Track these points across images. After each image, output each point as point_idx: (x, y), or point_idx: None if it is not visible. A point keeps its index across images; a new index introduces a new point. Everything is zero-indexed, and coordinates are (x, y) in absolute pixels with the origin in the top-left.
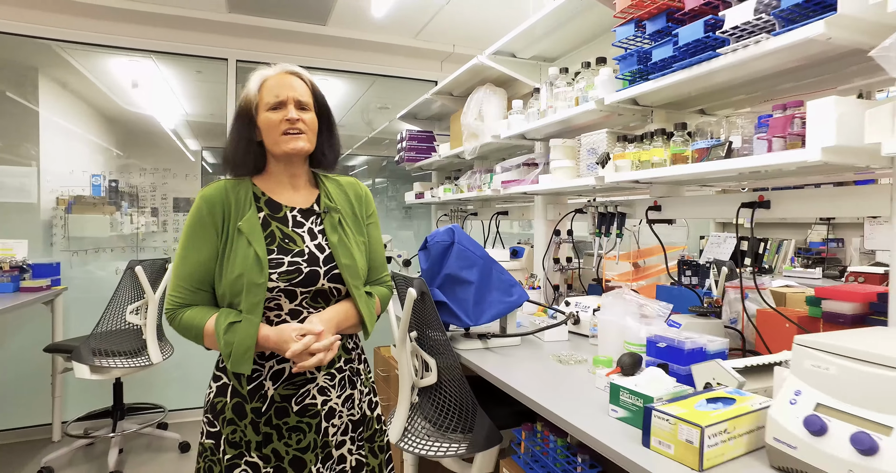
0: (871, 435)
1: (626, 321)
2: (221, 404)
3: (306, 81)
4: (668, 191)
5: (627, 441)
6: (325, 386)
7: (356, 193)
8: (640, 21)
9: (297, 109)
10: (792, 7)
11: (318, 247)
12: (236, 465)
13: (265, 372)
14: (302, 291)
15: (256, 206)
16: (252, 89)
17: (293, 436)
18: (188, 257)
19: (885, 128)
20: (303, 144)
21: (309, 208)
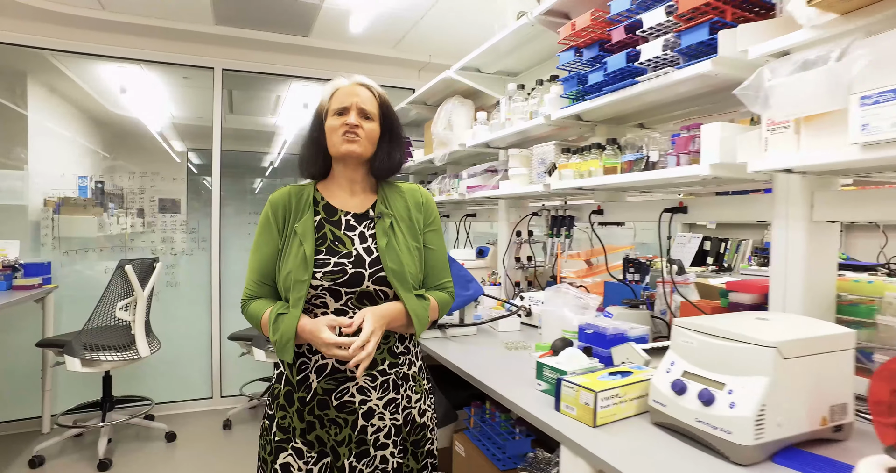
0: (710, 390)
1: (563, 311)
2: (277, 390)
3: (375, 92)
4: (609, 197)
5: (545, 408)
6: (366, 387)
7: (415, 199)
8: (579, 49)
9: (358, 117)
10: (688, 47)
11: (366, 250)
12: (283, 448)
13: (311, 365)
14: (346, 291)
15: (315, 209)
16: (325, 97)
17: (332, 428)
18: (256, 255)
19: (752, 150)
20: (355, 148)
21: (364, 213)
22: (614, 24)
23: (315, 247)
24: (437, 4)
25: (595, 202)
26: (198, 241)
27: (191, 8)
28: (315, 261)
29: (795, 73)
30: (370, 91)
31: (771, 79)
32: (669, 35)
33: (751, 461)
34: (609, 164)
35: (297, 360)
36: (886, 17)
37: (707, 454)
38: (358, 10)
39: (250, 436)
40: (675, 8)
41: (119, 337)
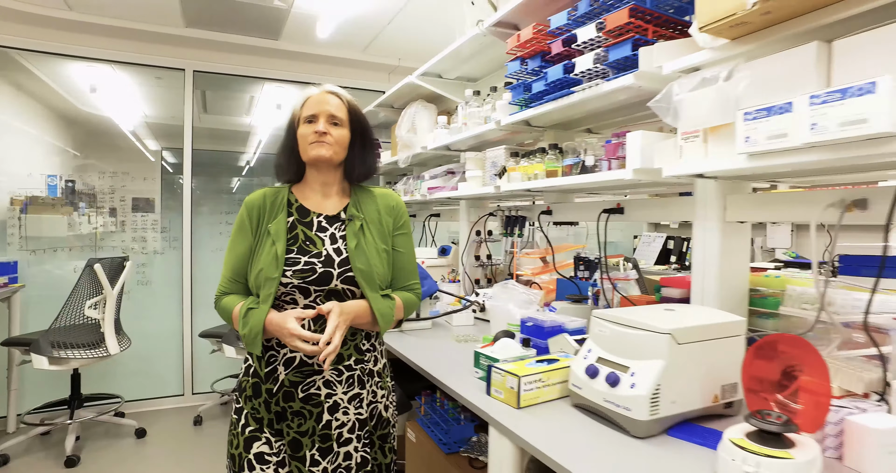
0: (616, 373)
1: (508, 306)
2: (245, 382)
3: (344, 99)
4: (558, 198)
5: (478, 393)
6: (332, 381)
7: (387, 204)
8: (524, 59)
9: (328, 124)
10: (615, 61)
11: (336, 251)
12: (257, 437)
13: (279, 358)
14: (315, 289)
15: (288, 211)
16: (297, 106)
17: (295, 420)
18: (231, 253)
19: (668, 157)
20: (323, 152)
21: (335, 215)
22: (554, 37)
23: (287, 246)
24: (402, 10)
25: (545, 203)
26: (169, 240)
27: (160, 10)
28: (286, 259)
29: (696, 89)
30: (339, 98)
31: (678, 93)
32: (600, 49)
33: (647, 433)
34: (551, 167)
35: (266, 353)
36: (766, 43)
37: (613, 430)
38: (325, 15)
39: (221, 432)
40: (604, 25)
41: (88, 335)
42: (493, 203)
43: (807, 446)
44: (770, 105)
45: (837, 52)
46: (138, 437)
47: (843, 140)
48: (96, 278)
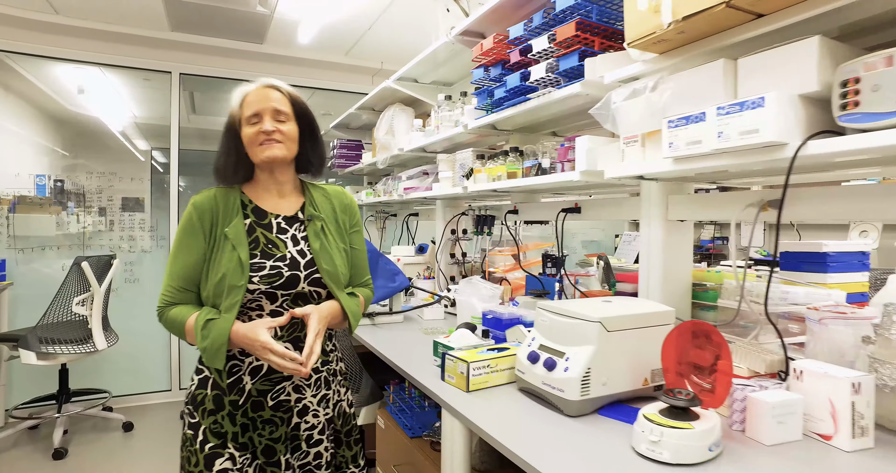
0: (553, 358)
1: (472, 300)
2: (202, 396)
3: (284, 91)
4: (524, 198)
5: (435, 378)
6: (301, 385)
7: (341, 202)
8: (487, 67)
9: (274, 120)
10: (565, 70)
11: (299, 252)
12: (219, 454)
13: (244, 368)
14: (282, 293)
15: (243, 213)
16: (234, 105)
17: (266, 428)
18: (177, 260)
19: (612, 160)
20: (277, 152)
21: (293, 216)
22: (513, 46)
23: (249, 251)
24: (381, 17)
25: (512, 203)
26: (157, 239)
27: (145, 14)
28: (250, 265)
29: (629, 98)
30: (280, 92)
31: (616, 102)
32: (552, 59)
33: (579, 412)
34: (512, 169)
35: (228, 363)
36: (687, 58)
37: (550, 410)
38: (306, 21)
39: None
40: (554, 37)
41: (76, 331)
42: (466, 203)
43: (709, 418)
44: (688, 114)
45: (742, 69)
46: (126, 431)
47: (743, 147)
48: (84, 276)
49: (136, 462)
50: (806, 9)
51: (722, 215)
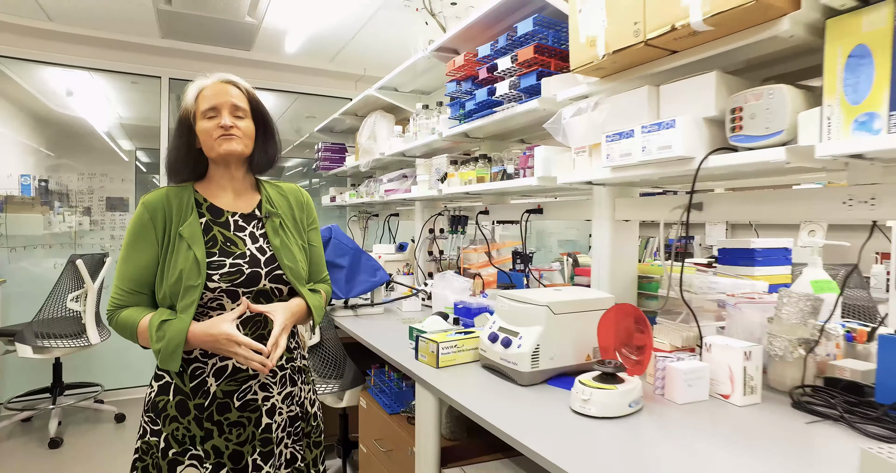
0: (509, 337)
1: (445, 292)
2: (164, 402)
3: (242, 88)
4: (495, 200)
5: (410, 359)
6: (267, 383)
7: (297, 199)
8: (459, 81)
9: (231, 116)
10: (525, 88)
11: (259, 250)
12: (179, 462)
13: (208, 369)
14: (244, 291)
15: (198, 212)
16: (189, 99)
17: (234, 431)
18: (129, 261)
19: (565, 167)
20: (235, 146)
21: (250, 213)
22: (482, 64)
23: (207, 250)
24: (364, 28)
25: (483, 204)
26: None
27: (137, 22)
28: (209, 264)
29: (575, 115)
30: (237, 88)
31: (565, 118)
32: (514, 77)
33: (530, 382)
34: (481, 174)
35: (190, 366)
36: (622, 82)
37: (506, 382)
38: (293, 30)
39: None
40: (516, 58)
41: (70, 326)
42: (442, 204)
43: (631, 382)
44: (620, 131)
45: (663, 95)
46: (118, 422)
47: (660, 160)
48: (78, 273)
49: (129, 450)
50: (706, 49)
51: (655, 215)
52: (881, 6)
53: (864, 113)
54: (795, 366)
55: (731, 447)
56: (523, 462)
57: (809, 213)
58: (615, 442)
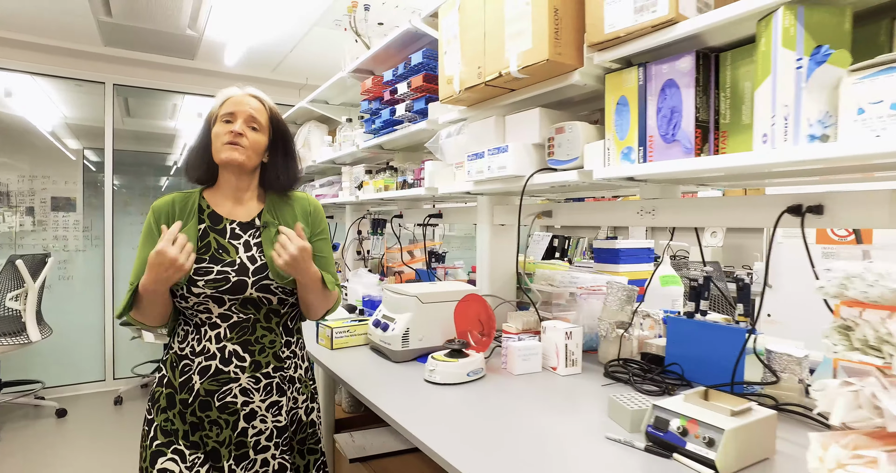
0: (388, 323)
1: (356, 287)
2: (158, 393)
3: (265, 103)
4: (409, 205)
5: (313, 343)
6: (249, 388)
7: (304, 208)
8: (370, 100)
9: (245, 126)
10: (417, 110)
11: (250, 258)
12: (162, 453)
13: (194, 367)
14: (230, 298)
15: (199, 217)
16: (216, 104)
17: (213, 429)
18: (140, 263)
19: (446, 179)
20: (235, 156)
21: (249, 222)
22: (387, 87)
23: (199, 255)
24: (301, 42)
25: (398, 209)
26: (91, 239)
27: (77, 30)
28: (198, 269)
29: (448, 137)
30: (261, 102)
31: (442, 138)
32: (409, 101)
33: (402, 359)
34: (388, 183)
35: (180, 362)
36: (480, 111)
37: (384, 360)
38: (232, 43)
39: (141, 409)
40: (410, 84)
41: (9, 325)
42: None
43: (474, 357)
44: (476, 152)
45: (508, 124)
46: (59, 417)
47: (500, 177)
48: (18, 273)
49: (69, 443)
50: (532, 89)
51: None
52: (632, 69)
53: (627, 147)
54: (614, 344)
55: (535, 401)
56: None
57: (615, 219)
58: (447, 402)
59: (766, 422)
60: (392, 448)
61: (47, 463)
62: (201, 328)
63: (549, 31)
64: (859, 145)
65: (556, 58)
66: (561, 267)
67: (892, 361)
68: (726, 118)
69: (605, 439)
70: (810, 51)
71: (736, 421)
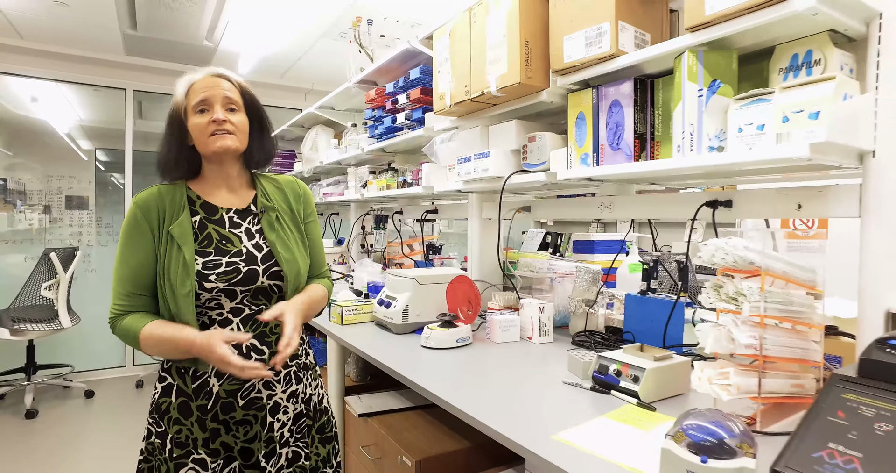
0: (390, 301)
1: (363, 275)
2: (166, 404)
3: (234, 81)
4: (408, 202)
5: (326, 320)
6: (271, 381)
7: (294, 191)
8: (373, 109)
9: (224, 110)
10: (415, 119)
11: (255, 246)
12: (182, 464)
13: (210, 370)
14: (242, 289)
15: (192, 209)
16: (179, 94)
17: (240, 429)
18: (124, 264)
19: (441, 179)
20: (230, 143)
21: (245, 209)
22: (389, 97)
23: (202, 249)
24: (308, 51)
25: (399, 206)
26: (112, 234)
27: (104, 41)
28: (206, 263)
29: (442, 143)
30: (230, 81)
31: (437, 144)
32: (408, 111)
33: (402, 332)
34: (389, 183)
35: (191, 368)
36: (469, 121)
37: (387, 333)
38: (246, 52)
39: None
40: (409, 96)
41: (44, 312)
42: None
43: (461, 327)
44: (465, 157)
45: (491, 133)
46: (87, 397)
47: (483, 177)
48: (52, 264)
49: (97, 420)
50: (511, 104)
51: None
52: (588, 91)
53: (584, 153)
54: (581, 318)
55: (512, 361)
56: (406, 394)
57: (580, 214)
58: (440, 362)
59: (682, 366)
60: (394, 406)
61: (78, 437)
62: (210, 328)
63: (521, 59)
64: (738, 155)
65: (527, 81)
66: (542, 256)
67: (742, 307)
68: (659, 131)
69: (563, 383)
70: (708, 83)
71: (656, 364)
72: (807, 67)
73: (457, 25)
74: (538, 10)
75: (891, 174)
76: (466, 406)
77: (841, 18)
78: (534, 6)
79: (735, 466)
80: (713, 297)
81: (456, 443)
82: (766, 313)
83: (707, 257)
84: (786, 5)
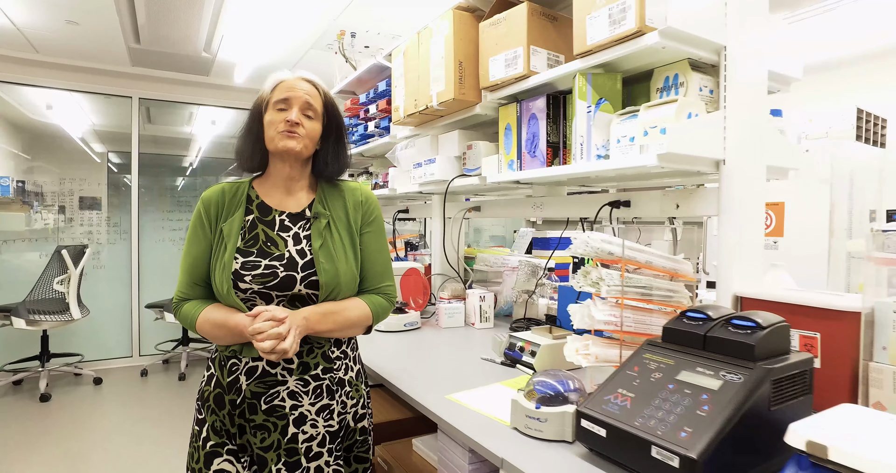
0: None
1: None
2: (207, 392)
3: (321, 90)
4: (385, 203)
5: None
6: (297, 391)
7: (355, 199)
8: (351, 117)
9: (300, 113)
10: (382, 127)
11: (299, 252)
12: (218, 453)
13: (241, 367)
14: (277, 294)
15: (248, 208)
16: (266, 88)
17: (258, 434)
18: (188, 255)
19: (404, 182)
20: (293, 145)
21: (299, 213)
22: (363, 107)
23: (246, 248)
24: (300, 61)
25: None
26: (119, 233)
27: (111, 54)
28: (245, 263)
29: (403, 150)
30: (315, 87)
31: (398, 150)
32: (378, 119)
33: None
34: (364, 185)
35: (228, 361)
36: (424, 130)
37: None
38: (241, 62)
39: (162, 381)
40: (378, 106)
41: (56, 305)
42: None
43: (410, 314)
44: (419, 162)
45: (440, 141)
46: (96, 384)
47: (432, 181)
48: (63, 261)
49: (105, 405)
50: (456, 115)
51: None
52: (513, 105)
53: (511, 159)
54: (521, 306)
55: (452, 343)
56: None
57: (518, 213)
58: (388, 344)
59: None
60: None
61: (88, 420)
62: None
63: (455, 78)
64: (617, 162)
65: (461, 96)
66: (500, 252)
67: (600, 290)
68: (569, 141)
69: (480, 359)
70: (595, 101)
71: (551, 341)
72: (675, 88)
73: (409, 46)
74: (471, 35)
75: (737, 179)
76: (397, 380)
77: (691, 50)
78: (467, 31)
79: (559, 411)
80: (581, 282)
81: (399, 413)
82: (625, 295)
83: (576, 248)
84: (640, 40)
